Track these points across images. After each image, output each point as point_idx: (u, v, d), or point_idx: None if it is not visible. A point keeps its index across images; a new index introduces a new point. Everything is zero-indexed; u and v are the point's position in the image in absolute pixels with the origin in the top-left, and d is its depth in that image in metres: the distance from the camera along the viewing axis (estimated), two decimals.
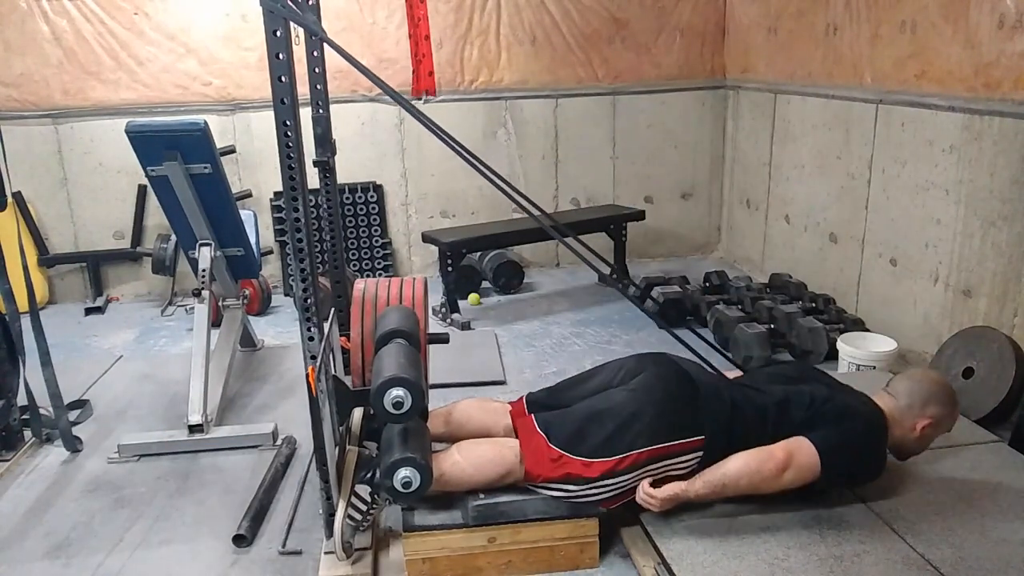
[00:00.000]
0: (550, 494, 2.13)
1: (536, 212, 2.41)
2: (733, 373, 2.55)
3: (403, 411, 1.96)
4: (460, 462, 2.13)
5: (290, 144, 1.84)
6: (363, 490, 2.13)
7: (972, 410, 2.83)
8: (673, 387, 2.19)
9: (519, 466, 2.13)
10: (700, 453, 2.13)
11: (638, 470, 2.10)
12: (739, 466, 2.08)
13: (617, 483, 2.10)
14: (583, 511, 2.15)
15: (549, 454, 2.11)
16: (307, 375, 1.95)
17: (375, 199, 4.97)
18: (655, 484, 2.13)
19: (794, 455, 2.08)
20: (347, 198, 4.91)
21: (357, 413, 2.56)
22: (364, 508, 2.13)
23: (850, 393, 2.29)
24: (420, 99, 4.84)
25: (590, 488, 2.10)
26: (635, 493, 2.13)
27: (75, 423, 3.10)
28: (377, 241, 5.05)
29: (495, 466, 2.13)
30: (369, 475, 2.13)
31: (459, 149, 2.05)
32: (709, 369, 2.40)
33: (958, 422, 2.69)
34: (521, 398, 2.41)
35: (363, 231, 5.02)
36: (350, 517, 2.10)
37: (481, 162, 2.17)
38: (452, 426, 2.40)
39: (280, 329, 4.31)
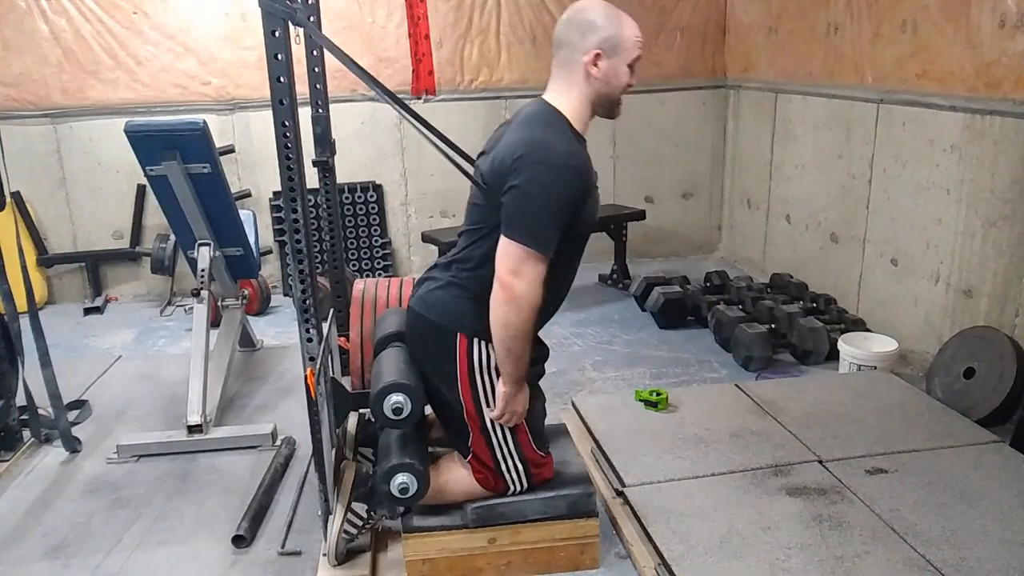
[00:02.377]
0: (522, 482, 2.10)
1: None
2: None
3: (403, 417, 1.95)
4: (457, 476, 2.12)
5: (289, 144, 1.84)
6: (360, 507, 2.13)
7: (973, 410, 2.83)
8: (415, 338, 2.07)
9: None
10: (476, 340, 1.95)
11: (481, 402, 1.99)
12: (495, 327, 1.86)
13: (499, 431, 2.03)
14: (581, 507, 2.13)
15: (472, 460, 2.09)
16: (306, 376, 1.94)
17: (375, 199, 4.97)
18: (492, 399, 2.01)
19: (506, 266, 1.81)
20: (347, 198, 4.90)
21: (351, 420, 2.55)
22: (359, 524, 2.12)
23: (511, 129, 1.93)
24: (420, 98, 4.83)
25: (503, 453, 2.05)
26: (505, 421, 2.02)
27: (74, 423, 3.09)
28: (377, 241, 5.04)
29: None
30: (366, 492, 2.12)
31: (448, 150, 2.01)
32: (432, 268, 2.14)
33: (958, 421, 2.70)
34: None
35: (363, 231, 5.01)
36: (346, 531, 2.10)
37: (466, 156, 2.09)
38: (442, 431, 2.39)
39: (279, 329, 4.30)
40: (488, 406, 2.01)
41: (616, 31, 1.89)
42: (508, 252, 1.82)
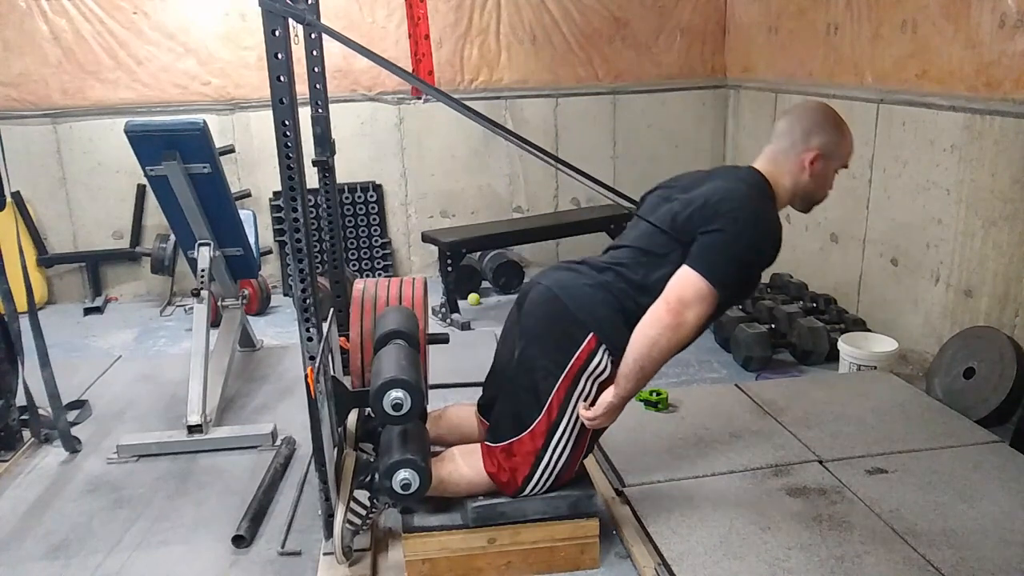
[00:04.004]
0: (539, 490, 2.10)
1: (626, 204, 2.28)
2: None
3: (402, 413, 1.95)
4: (459, 468, 2.12)
5: (289, 144, 1.84)
6: (362, 495, 2.13)
7: (973, 410, 2.83)
8: (538, 315, 2.05)
9: None
10: (603, 347, 1.97)
11: (569, 404, 2.01)
12: (641, 340, 1.91)
13: (564, 429, 2.03)
14: (581, 507, 2.13)
15: (502, 452, 2.07)
16: (306, 376, 1.94)
17: (375, 199, 4.97)
18: (593, 403, 2.02)
19: (681, 295, 1.88)
20: (347, 198, 4.90)
21: (353, 414, 2.55)
22: (363, 513, 2.12)
23: (715, 176, 2.07)
24: (420, 98, 4.83)
25: (551, 453, 2.04)
26: (583, 427, 2.04)
27: (74, 423, 3.09)
28: (377, 241, 5.04)
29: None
30: (368, 479, 2.12)
31: (520, 140, 2.02)
32: (572, 263, 2.17)
33: (958, 422, 2.70)
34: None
35: (363, 231, 5.01)
36: (349, 522, 2.09)
37: (557, 157, 2.10)
38: (443, 429, 2.39)
39: (279, 329, 4.30)
40: (575, 414, 2.01)
41: (839, 139, 2.06)
42: (691, 283, 1.89)
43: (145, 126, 3.03)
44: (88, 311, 4.65)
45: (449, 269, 4.34)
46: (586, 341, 1.97)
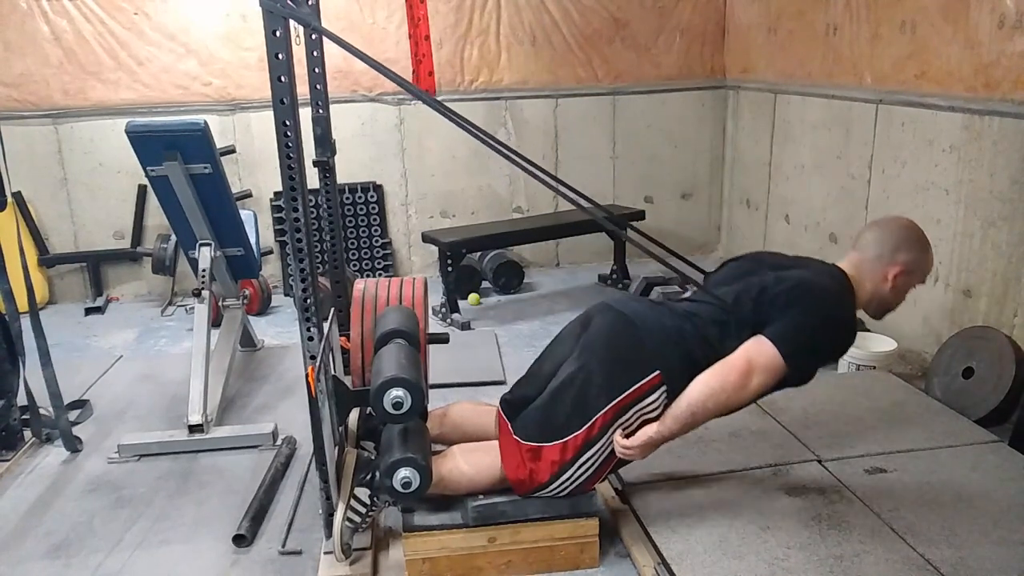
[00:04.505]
0: (548, 496, 2.12)
1: (586, 205, 2.33)
2: (687, 292, 2.42)
3: (403, 411, 1.95)
4: (460, 465, 2.13)
5: (290, 144, 1.84)
6: (363, 492, 2.13)
7: (972, 410, 2.83)
8: (610, 336, 2.09)
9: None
10: (664, 388, 2.01)
11: (610, 429, 2.03)
12: (700, 389, 1.96)
13: (597, 451, 2.05)
14: (581, 507, 2.14)
15: (528, 452, 2.07)
16: (307, 375, 1.95)
17: (375, 199, 4.97)
18: (629, 434, 2.05)
19: (753, 359, 1.94)
20: (347, 198, 4.91)
21: (354, 413, 2.56)
22: (363, 510, 2.13)
23: (808, 265, 2.15)
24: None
25: (575, 468, 2.06)
26: (615, 456, 2.07)
27: (75, 423, 3.10)
28: (377, 241, 5.05)
29: (495, 470, 2.12)
30: (368, 477, 2.13)
31: (485, 138, 2.04)
32: (648, 301, 2.26)
33: (958, 422, 2.71)
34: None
35: (363, 231, 5.02)
36: (349, 519, 2.10)
37: (522, 156, 2.13)
38: (447, 428, 2.40)
39: (280, 329, 4.31)
40: (611, 440, 2.04)
41: (923, 258, 2.15)
42: (767, 353, 1.95)
43: (146, 126, 3.04)
44: (89, 311, 4.66)
45: (449, 269, 4.35)
46: (650, 376, 2.01)
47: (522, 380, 2.30)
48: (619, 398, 2.01)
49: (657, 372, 2.01)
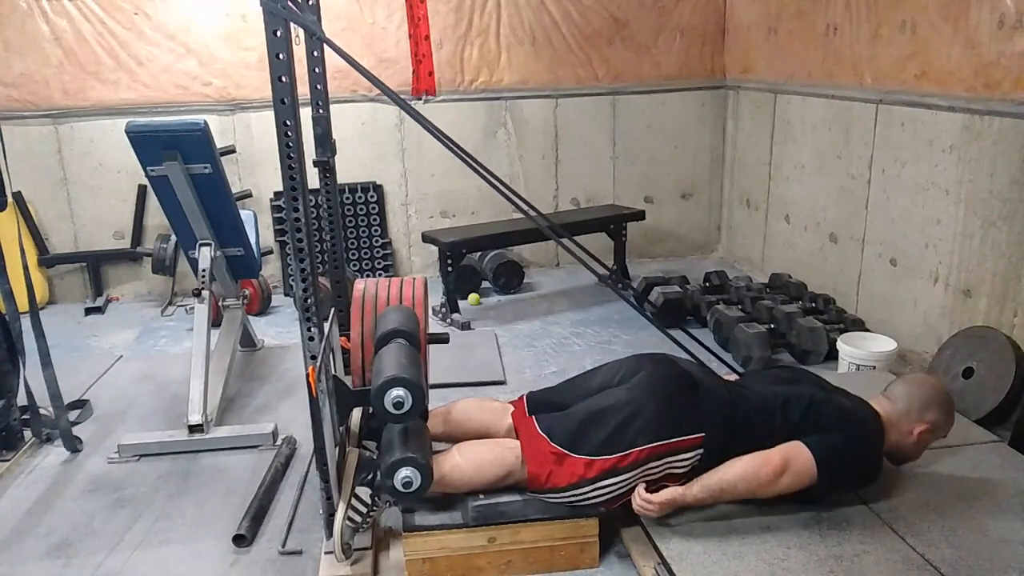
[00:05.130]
0: (554, 500, 2.13)
1: (532, 213, 2.40)
2: (730, 376, 2.55)
3: (403, 411, 1.96)
4: (461, 463, 2.13)
5: (290, 144, 1.85)
6: (364, 492, 2.13)
7: (972, 410, 2.83)
8: (673, 384, 2.19)
9: (520, 468, 2.13)
10: (700, 451, 2.12)
11: (639, 468, 2.10)
12: (737, 471, 2.09)
13: (618, 482, 2.10)
14: (583, 512, 2.15)
15: (552, 454, 2.11)
16: (307, 375, 1.95)
17: (375, 199, 4.98)
18: (651, 488, 2.13)
19: (791, 461, 2.09)
20: (347, 198, 4.91)
21: (356, 413, 2.56)
22: (364, 510, 2.13)
23: (847, 396, 2.29)
24: (420, 99, 4.84)
25: (592, 488, 2.10)
26: (628, 492, 2.13)
27: (75, 423, 3.10)
28: (377, 241, 5.05)
29: (496, 467, 2.13)
30: (370, 477, 2.13)
31: (456, 150, 2.06)
32: (706, 369, 2.41)
33: (957, 421, 2.71)
34: (522, 398, 2.40)
35: (363, 231, 5.02)
36: (350, 519, 2.10)
37: (480, 164, 2.16)
38: (451, 425, 2.40)
39: (280, 329, 4.31)
40: (633, 479, 2.12)
41: (948, 420, 2.28)
42: (804, 458, 2.10)
43: (146, 126, 3.04)
44: (89, 311, 4.66)
45: (449, 269, 4.35)
46: (694, 436, 2.12)
47: (558, 387, 2.41)
48: (659, 443, 2.10)
49: (701, 434, 2.12)
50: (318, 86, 2.56)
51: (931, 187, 3.34)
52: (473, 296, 4.66)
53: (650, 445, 2.09)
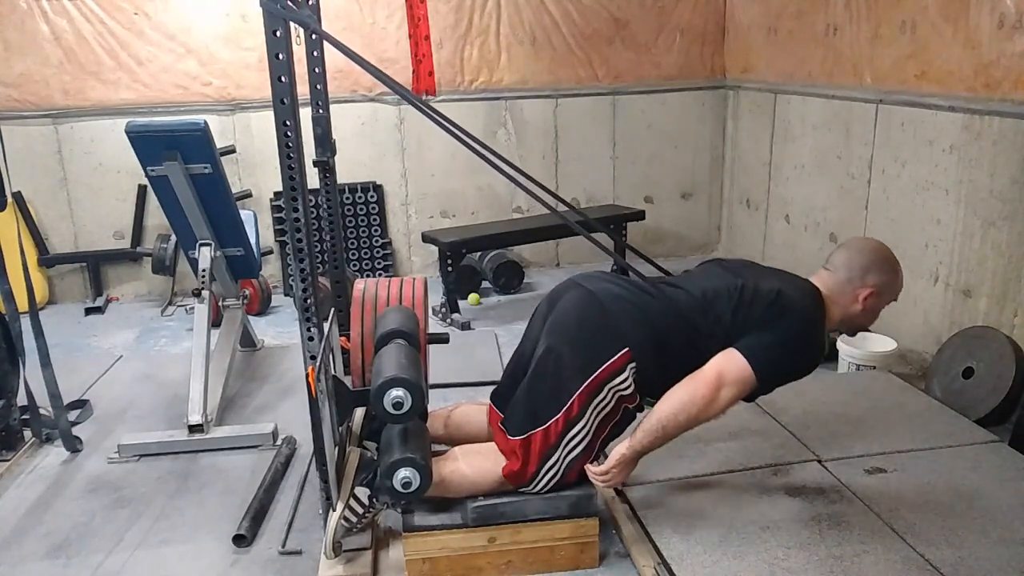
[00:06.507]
0: (542, 487, 2.11)
1: (550, 201, 2.34)
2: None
3: (403, 411, 1.95)
4: (461, 468, 2.13)
5: (290, 144, 1.85)
6: (362, 492, 2.13)
7: (972, 410, 2.83)
8: (576, 316, 2.10)
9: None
10: (633, 364, 2.03)
11: (589, 408, 2.04)
12: (672, 402, 1.99)
13: (580, 431, 2.05)
14: (581, 507, 2.14)
15: (518, 445, 2.08)
16: (307, 375, 1.95)
17: (375, 199, 4.97)
18: (605, 430, 2.07)
19: (724, 373, 1.97)
20: (347, 198, 4.91)
21: (359, 412, 2.56)
22: (360, 511, 2.13)
23: (781, 278, 2.15)
24: (420, 98, 4.83)
25: (562, 451, 2.06)
26: (595, 433, 2.08)
27: (75, 423, 3.10)
28: (377, 241, 5.05)
29: (496, 473, 2.12)
30: (369, 478, 2.13)
31: (473, 144, 2.05)
32: (627, 279, 2.25)
33: (957, 421, 2.71)
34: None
35: (363, 231, 5.02)
36: (345, 519, 2.10)
37: (497, 155, 2.14)
38: (451, 428, 2.40)
39: (280, 329, 4.31)
40: (591, 419, 2.05)
41: (893, 280, 2.17)
42: (737, 366, 1.98)
43: (146, 126, 3.04)
44: (89, 311, 4.66)
45: (449, 269, 4.35)
46: (619, 354, 2.03)
47: (508, 367, 2.32)
48: (591, 377, 2.02)
49: (626, 349, 2.03)
50: (318, 86, 2.56)
51: (931, 187, 3.34)
52: (473, 296, 4.66)
53: (584, 384, 2.02)
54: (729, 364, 1.98)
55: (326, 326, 2.17)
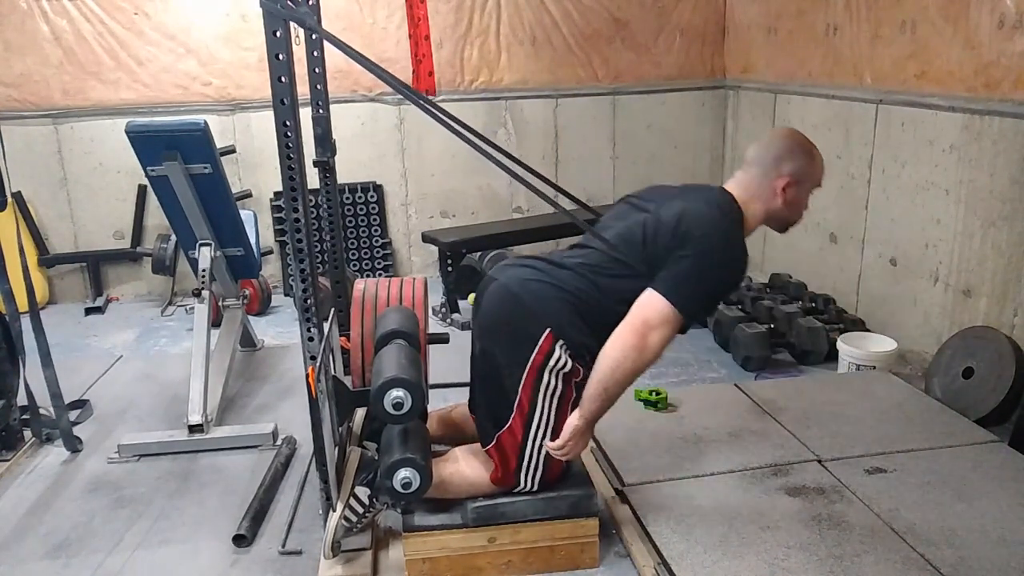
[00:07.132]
0: (530, 485, 2.11)
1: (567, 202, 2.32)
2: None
3: (403, 412, 1.95)
4: (461, 469, 2.13)
5: (290, 144, 1.85)
6: (362, 492, 2.13)
7: (972, 410, 2.83)
8: (494, 313, 2.07)
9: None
10: (561, 341, 1.98)
11: (539, 397, 2.02)
12: (605, 363, 1.93)
13: (539, 419, 2.04)
14: (581, 507, 2.14)
15: (493, 452, 2.09)
16: (307, 375, 1.95)
17: (375, 199, 4.97)
18: (566, 410, 2.04)
19: (647, 318, 1.90)
20: (347, 198, 4.91)
21: (359, 413, 2.56)
22: (360, 511, 2.13)
23: (687, 197, 2.06)
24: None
25: (530, 444, 2.06)
26: (556, 417, 2.05)
27: (75, 423, 3.10)
28: (377, 241, 5.05)
29: (487, 481, 2.12)
30: (369, 478, 2.13)
31: (475, 140, 2.05)
32: (535, 258, 2.18)
33: (958, 422, 2.71)
34: None
35: (363, 231, 5.02)
36: (346, 518, 2.10)
37: (505, 152, 2.14)
38: (450, 428, 2.41)
39: (280, 329, 4.31)
40: (545, 406, 2.03)
41: (809, 164, 2.07)
42: (657, 308, 1.91)
43: (146, 126, 3.04)
44: (89, 311, 4.66)
45: (449, 269, 4.34)
46: (543, 338, 1.98)
47: (470, 375, 2.29)
48: (527, 368, 2.00)
49: (548, 331, 1.98)
50: (318, 86, 2.56)
51: (931, 187, 3.34)
52: (473, 296, 4.66)
53: (523, 377, 2.00)
54: (649, 307, 1.92)
55: (326, 326, 2.18)
